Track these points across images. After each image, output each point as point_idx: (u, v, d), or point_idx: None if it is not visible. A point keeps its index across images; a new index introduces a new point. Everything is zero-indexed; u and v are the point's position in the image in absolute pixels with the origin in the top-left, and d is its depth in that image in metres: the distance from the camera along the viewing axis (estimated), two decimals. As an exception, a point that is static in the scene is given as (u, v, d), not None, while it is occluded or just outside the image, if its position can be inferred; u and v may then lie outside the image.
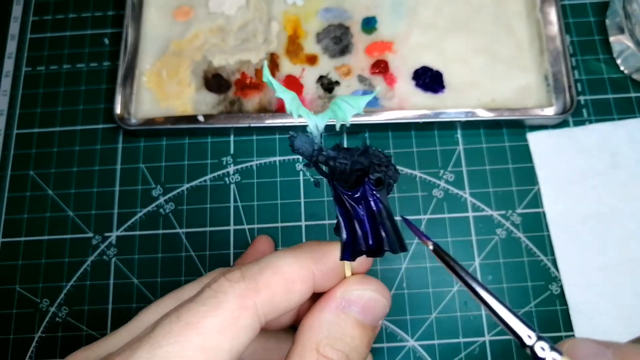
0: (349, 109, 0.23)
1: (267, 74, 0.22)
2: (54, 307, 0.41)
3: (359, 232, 0.23)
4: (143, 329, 0.23)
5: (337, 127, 0.23)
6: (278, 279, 0.23)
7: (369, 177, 0.23)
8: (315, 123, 0.23)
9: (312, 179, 0.24)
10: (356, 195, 0.23)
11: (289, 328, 0.31)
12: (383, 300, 0.25)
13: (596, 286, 0.39)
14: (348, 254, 0.23)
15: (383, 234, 0.23)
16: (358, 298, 0.24)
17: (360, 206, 0.23)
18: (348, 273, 0.26)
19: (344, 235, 0.23)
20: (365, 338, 0.24)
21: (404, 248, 0.23)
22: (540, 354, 0.16)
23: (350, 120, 0.23)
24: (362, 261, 0.25)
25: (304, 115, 0.22)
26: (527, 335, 0.16)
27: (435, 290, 0.40)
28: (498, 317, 0.17)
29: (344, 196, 0.23)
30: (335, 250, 0.25)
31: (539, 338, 0.16)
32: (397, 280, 0.40)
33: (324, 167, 0.23)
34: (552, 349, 0.16)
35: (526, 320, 0.16)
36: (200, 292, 0.23)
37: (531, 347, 0.16)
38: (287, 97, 0.22)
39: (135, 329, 0.26)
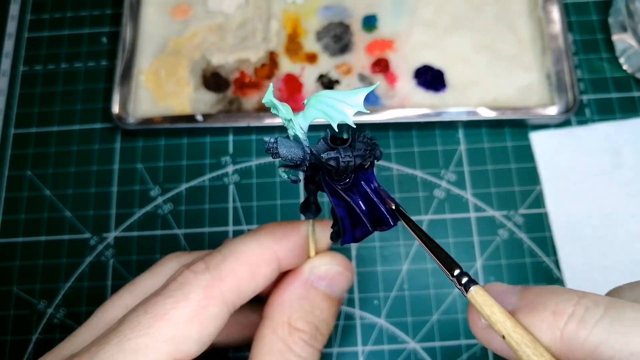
0: (347, 108, 0.20)
1: (269, 95, 0.20)
2: (51, 309, 0.41)
3: (361, 215, 0.22)
4: (105, 325, 0.23)
5: (335, 128, 0.21)
6: (242, 266, 0.24)
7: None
8: (299, 123, 0.21)
9: (288, 179, 0.23)
10: (347, 185, 0.22)
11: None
12: (348, 273, 0.27)
13: (599, 287, 0.39)
14: (349, 237, 0.23)
15: (383, 210, 0.22)
16: (326, 273, 0.26)
17: (354, 193, 0.22)
18: (312, 250, 0.26)
19: (346, 225, 0.23)
20: (332, 309, 0.26)
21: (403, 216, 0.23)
22: (463, 281, 0.21)
23: (353, 120, 0.20)
24: (325, 238, 0.27)
25: (293, 119, 0.21)
26: (456, 270, 0.21)
27: (437, 292, 0.40)
28: (437, 256, 0.22)
29: (338, 188, 0.22)
30: (296, 229, 0.26)
31: (462, 273, 0.21)
32: (398, 282, 0.40)
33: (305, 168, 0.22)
34: (471, 280, 0.21)
35: (456, 261, 0.21)
36: (165, 285, 0.23)
37: (457, 277, 0.21)
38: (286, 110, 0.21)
39: (97, 327, 0.26)
